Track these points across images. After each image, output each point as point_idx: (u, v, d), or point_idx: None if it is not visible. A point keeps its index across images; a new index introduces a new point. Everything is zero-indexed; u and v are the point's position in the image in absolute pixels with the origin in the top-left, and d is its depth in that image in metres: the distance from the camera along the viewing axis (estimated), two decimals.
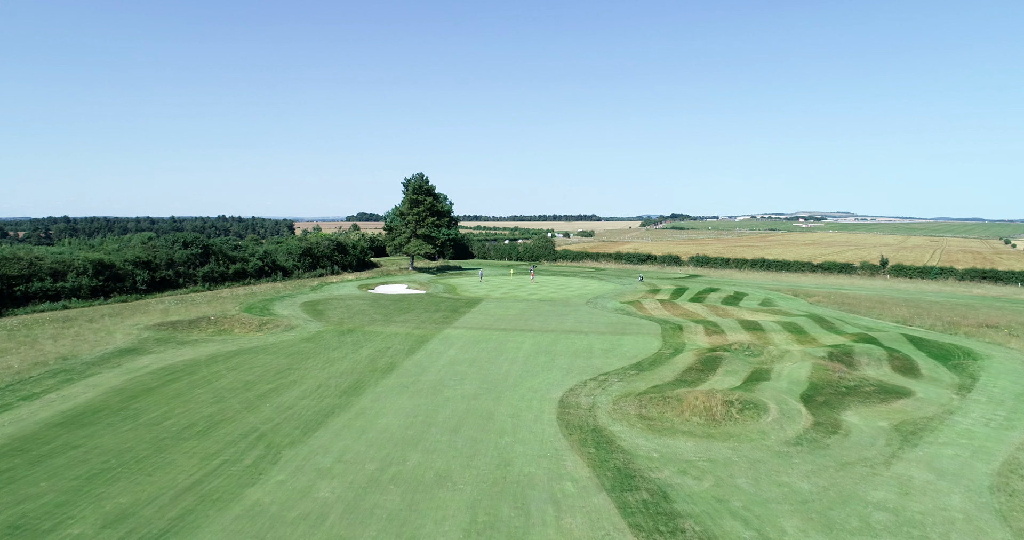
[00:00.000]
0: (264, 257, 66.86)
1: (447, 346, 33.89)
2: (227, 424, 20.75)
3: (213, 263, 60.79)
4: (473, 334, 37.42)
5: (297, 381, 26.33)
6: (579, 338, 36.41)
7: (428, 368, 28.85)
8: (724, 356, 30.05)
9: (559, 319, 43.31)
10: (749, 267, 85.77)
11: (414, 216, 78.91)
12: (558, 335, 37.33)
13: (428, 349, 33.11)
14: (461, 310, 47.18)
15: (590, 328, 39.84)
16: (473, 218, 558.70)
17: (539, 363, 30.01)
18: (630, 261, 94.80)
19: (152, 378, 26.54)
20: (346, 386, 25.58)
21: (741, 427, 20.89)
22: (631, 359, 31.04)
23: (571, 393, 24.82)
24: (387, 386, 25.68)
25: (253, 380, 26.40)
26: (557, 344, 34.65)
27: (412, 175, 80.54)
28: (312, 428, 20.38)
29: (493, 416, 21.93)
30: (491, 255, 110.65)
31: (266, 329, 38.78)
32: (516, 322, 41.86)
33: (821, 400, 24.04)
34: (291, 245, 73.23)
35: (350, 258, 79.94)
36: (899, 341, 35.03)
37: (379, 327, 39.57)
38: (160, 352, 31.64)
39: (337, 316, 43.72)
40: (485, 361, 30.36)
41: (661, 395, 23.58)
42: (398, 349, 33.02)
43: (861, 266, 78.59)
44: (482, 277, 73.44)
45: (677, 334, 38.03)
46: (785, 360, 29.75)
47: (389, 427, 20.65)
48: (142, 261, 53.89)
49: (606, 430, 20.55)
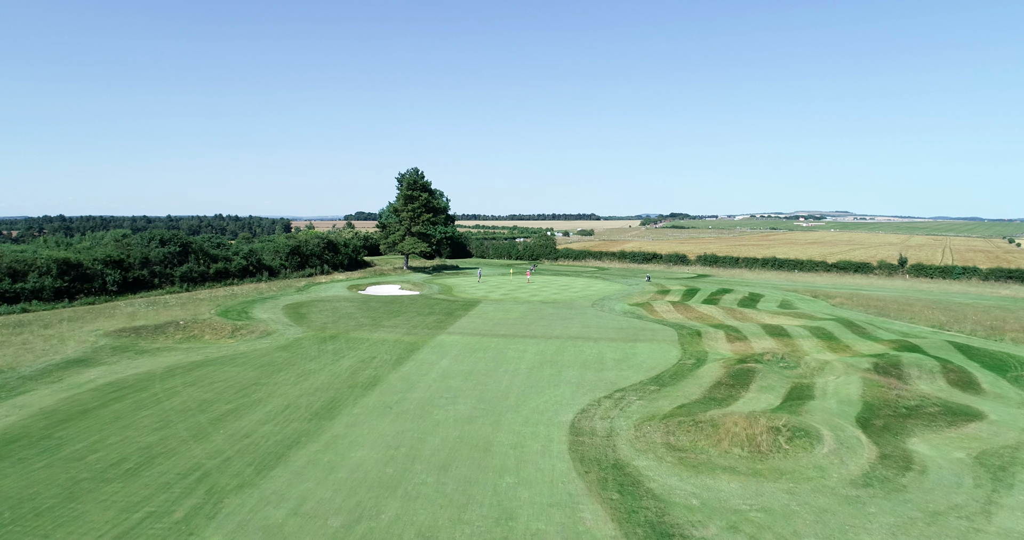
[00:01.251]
0: (249, 256, 62.99)
1: (440, 356, 30.10)
2: (166, 459, 16.94)
3: (192, 262, 56.90)
4: (469, 341, 33.65)
5: (262, 400, 22.52)
6: (588, 346, 32.66)
7: (417, 383, 25.06)
8: (756, 368, 26.29)
9: (564, 323, 39.55)
10: (760, 266, 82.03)
11: (408, 213, 75.07)
12: (564, 342, 33.57)
13: (418, 359, 29.32)
14: (457, 313, 43.40)
15: (599, 334, 36.08)
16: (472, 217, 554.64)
17: (544, 376, 26.24)
18: (634, 260, 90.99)
19: (93, 396, 22.71)
20: (319, 406, 21.79)
21: (793, 461, 17.15)
22: (649, 371, 27.28)
23: (584, 415, 21.06)
24: (367, 406, 21.89)
25: (211, 399, 22.59)
26: (563, 353, 30.89)
27: (407, 169, 76.71)
28: (269, 464, 16.58)
29: (491, 447, 18.17)
30: (490, 254, 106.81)
31: (239, 335, 34.96)
32: (517, 327, 38.11)
33: (880, 424, 20.32)
34: (278, 243, 69.38)
35: (341, 257, 76.11)
36: (946, 349, 31.32)
37: (365, 333, 35.77)
38: (113, 363, 27.80)
39: (320, 320, 39.89)
40: (482, 374, 26.58)
41: (691, 419, 19.82)
42: (384, 359, 29.22)
43: (878, 265, 74.98)
44: (480, 277, 69.66)
45: (696, 341, 34.29)
46: (827, 373, 26.01)
47: (364, 463, 16.87)
48: (113, 260, 50.00)
49: (630, 466, 16.80)
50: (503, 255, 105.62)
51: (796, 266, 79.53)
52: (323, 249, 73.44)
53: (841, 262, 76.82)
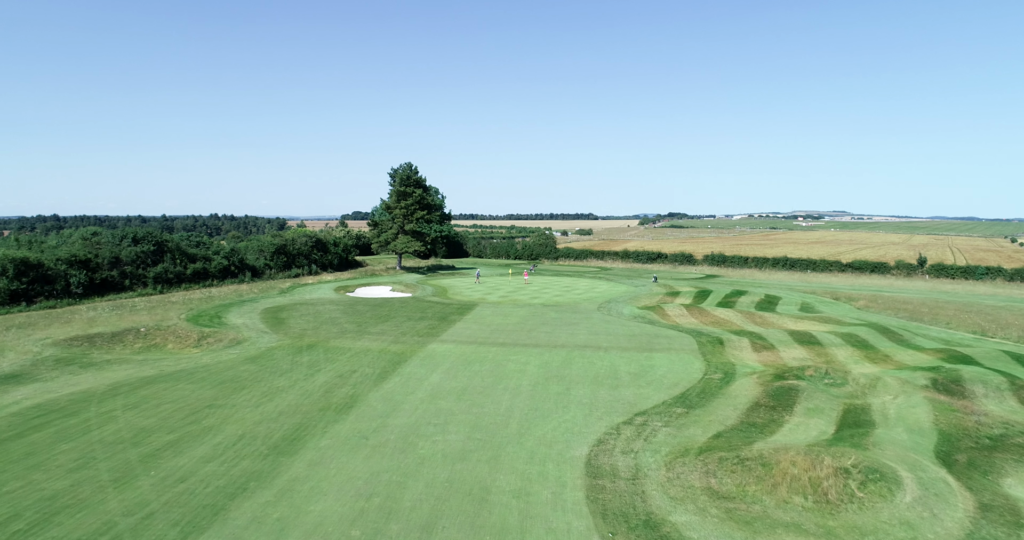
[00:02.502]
0: (230, 256, 59.09)
1: (430, 369, 26.35)
2: (70, 515, 13.18)
3: (168, 262, 52.99)
4: (464, 351, 29.91)
5: (213, 428, 18.75)
6: (598, 356, 28.94)
7: (401, 404, 21.31)
8: (799, 386, 22.59)
9: (569, 330, 35.83)
10: (771, 266, 78.42)
11: (401, 210, 71.25)
12: (571, 352, 29.86)
13: (405, 374, 25.56)
14: (451, 318, 39.65)
15: (609, 342, 32.38)
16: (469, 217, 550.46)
17: (550, 395, 22.52)
18: (639, 260, 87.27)
19: (10, 424, 18.91)
20: (280, 437, 18.03)
21: (871, 514, 13.48)
22: (672, 388, 23.57)
23: (601, 448, 17.34)
24: (338, 436, 18.14)
25: (151, 426, 18.81)
26: (571, 365, 27.17)
27: (400, 164, 72.90)
28: (200, 524, 12.84)
29: (488, 494, 14.45)
30: (487, 254, 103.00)
31: (205, 344, 31.16)
32: (517, 334, 34.38)
33: (964, 460, 16.65)
34: (263, 242, 65.45)
35: (331, 257, 72.23)
36: (1003, 361, 27.68)
37: (348, 341, 32.00)
38: (49, 380, 23.97)
39: (300, 326, 36.10)
40: (478, 392, 22.85)
41: (735, 455, 16.11)
42: (365, 374, 25.45)
43: (896, 265, 71.48)
44: (479, 278, 65.68)
45: (719, 350, 30.62)
46: (881, 391, 22.33)
47: (325, 520, 13.13)
48: (79, 260, 46.08)
49: (666, 524, 13.10)
50: (501, 255, 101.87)
51: (809, 266, 75.93)
52: (311, 248, 69.56)
53: (856, 262, 73.26)
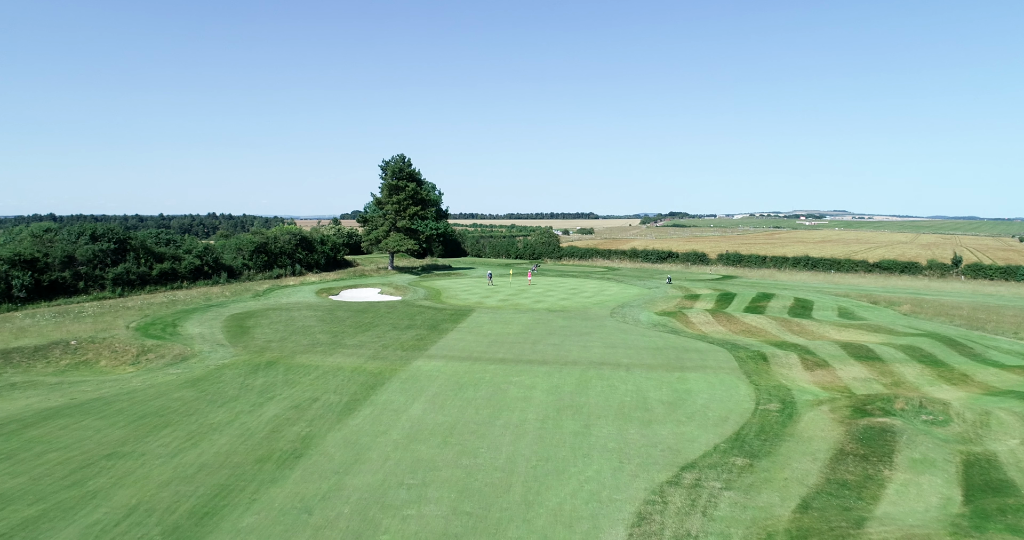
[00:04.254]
0: (204, 255, 53.77)
1: (411, 396, 21.08)
2: None
3: (131, 262, 47.69)
4: (455, 370, 24.64)
5: (99, 493, 13.48)
6: (619, 377, 23.65)
7: (367, 452, 16.03)
8: (890, 425, 17.23)
9: (580, 342, 30.57)
10: (790, 266, 73.04)
11: (393, 205, 65.93)
12: (585, 371, 24.58)
13: (379, 403, 20.28)
14: (443, 326, 34.38)
15: (630, 357, 27.09)
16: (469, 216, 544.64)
17: (565, 436, 17.25)
18: (648, 259, 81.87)
19: None
20: (186, 510, 12.75)
21: None
22: (720, 425, 18.29)
23: (644, 530, 12.06)
24: (271, 509, 12.87)
25: (14, 491, 13.53)
26: (587, 390, 21.89)
27: (392, 156, 67.59)
28: None
29: None
30: (487, 253, 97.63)
31: (144, 361, 25.93)
32: (520, 347, 29.12)
33: None
34: (241, 240, 60.10)
35: (317, 256, 66.89)
36: None
37: (317, 357, 26.73)
38: None
39: (264, 337, 30.84)
40: (470, 432, 17.57)
41: None
42: (329, 403, 20.19)
43: (928, 265, 66.21)
44: (491, 279, 58.69)
45: (764, 368, 25.35)
46: (999, 432, 17.01)
47: None
48: (24, 259, 40.80)
49: None
50: (501, 254, 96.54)
51: (832, 266, 70.57)
52: (295, 247, 64.21)
53: (884, 262, 67.89)
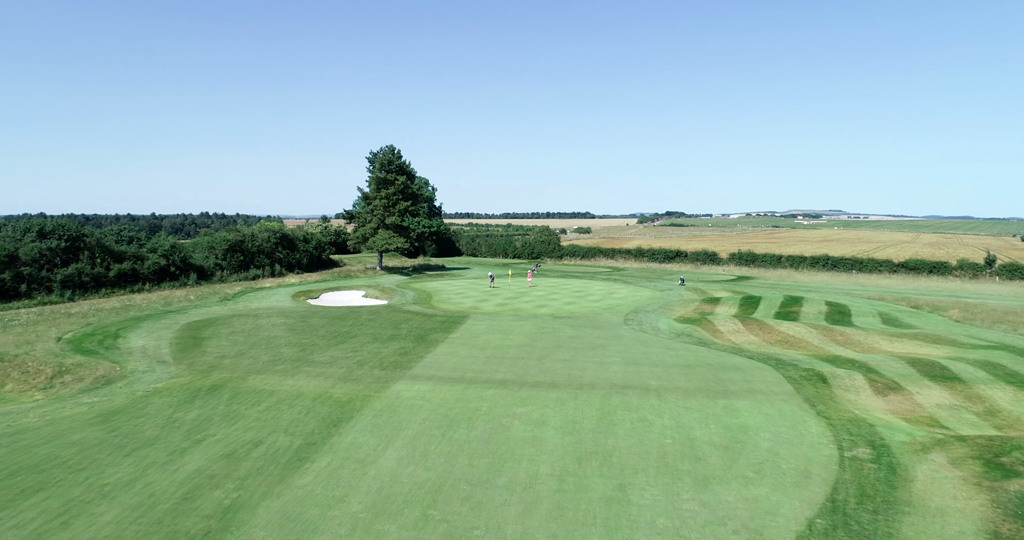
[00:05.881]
0: (170, 254, 48.60)
1: (384, 438, 16.12)
2: None
3: (85, 262, 42.57)
4: (444, 397, 19.71)
5: None
6: (650, 407, 18.75)
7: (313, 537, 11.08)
8: None
9: (595, 357, 25.67)
10: (809, 266, 68.33)
11: (382, 200, 60.92)
12: (607, 398, 19.68)
13: (340, 449, 15.32)
14: (432, 336, 29.46)
15: (658, 378, 22.21)
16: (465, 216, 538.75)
17: (593, 506, 12.33)
18: (654, 259, 77.03)
19: None
20: None
21: None
22: (802, 484, 13.40)
23: None
24: None
25: None
26: (614, 428, 16.98)
27: (380, 147, 62.56)
28: None
29: None
30: (483, 251, 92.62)
31: (59, 385, 20.91)
32: (523, 363, 24.22)
33: None
34: (215, 239, 54.96)
35: (299, 255, 61.81)
36: None
37: (275, 379, 21.76)
38: None
39: (218, 351, 25.82)
40: (461, 499, 12.64)
41: None
42: (274, 450, 15.21)
43: (959, 265, 61.69)
44: (493, 281, 52.66)
45: (826, 394, 20.53)
46: None
47: None
48: None
49: None
50: (498, 253, 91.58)
51: (854, 266, 65.88)
52: (275, 245, 59.09)
53: (911, 261, 63.24)
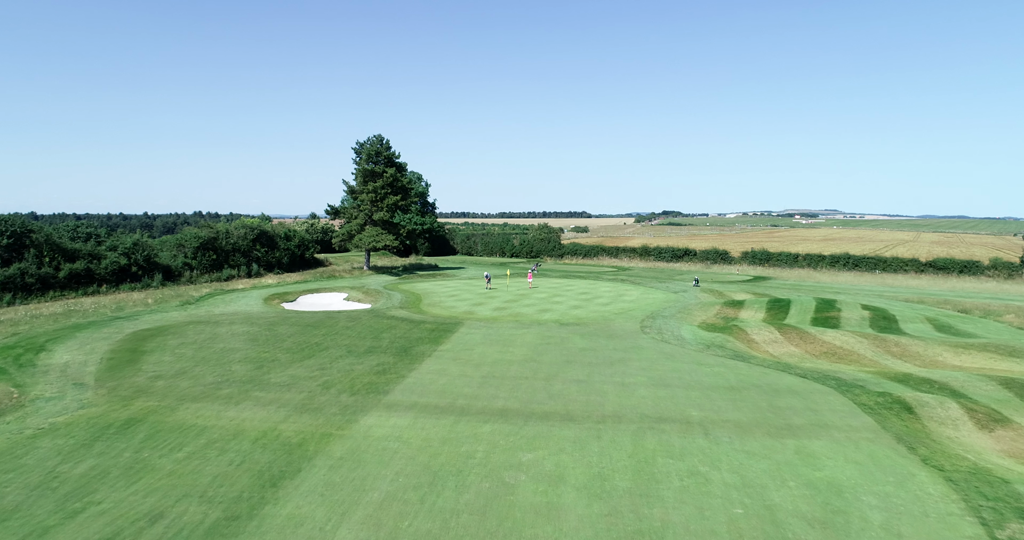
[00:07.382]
0: (132, 252, 43.76)
1: (338, 508, 11.48)
2: None
3: (30, 261, 37.77)
4: (426, 435, 15.10)
5: None
6: (698, 451, 14.20)
7: None
8: None
9: (615, 376, 21.11)
10: (828, 266, 64.12)
11: (369, 194, 56.26)
12: (639, 438, 15.11)
13: (271, 528, 10.66)
14: (417, 349, 24.85)
15: (699, 406, 17.66)
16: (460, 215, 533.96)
17: None
18: (661, 257, 72.68)
19: None
20: None
21: None
22: None
23: None
24: None
25: None
26: (657, 488, 12.40)
27: (368, 137, 57.89)
28: None
29: None
30: (479, 250, 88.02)
31: None
32: (528, 386, 19.63)
33: None
34: (185, 235, 50.17)
35: (280, 254, 57.01)
36: None
37: (215, 408, 17.10)
38: None
39: (155, 369, 21.14)
40: None
41: None
42: (181, 528, 10.56)
43: (992, 264, 57.69)
44: (489, 281, 47.86)
45: (917, 429, 16.06)
46: None
47: None
48: None
49: None
50: (495, 252, 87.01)
51: (877, 265, 61.72)
52: (252, 243, 54.30)
53: (939, 261, 59.18)
